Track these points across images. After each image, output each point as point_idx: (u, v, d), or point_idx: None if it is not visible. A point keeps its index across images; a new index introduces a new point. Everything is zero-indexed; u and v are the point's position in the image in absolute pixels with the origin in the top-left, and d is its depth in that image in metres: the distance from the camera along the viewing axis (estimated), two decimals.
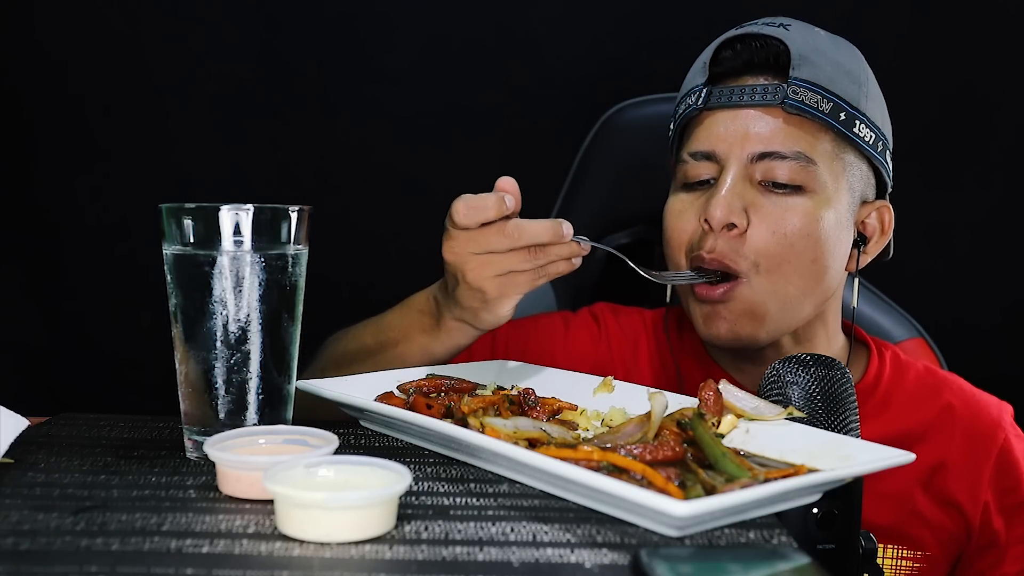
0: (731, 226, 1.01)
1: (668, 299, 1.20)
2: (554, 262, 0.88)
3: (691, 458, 0.71)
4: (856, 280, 1.11)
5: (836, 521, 0.72)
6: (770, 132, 1.02)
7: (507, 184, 0.87)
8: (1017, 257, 1.64)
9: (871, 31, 1.13)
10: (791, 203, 1.01)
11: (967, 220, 1.63)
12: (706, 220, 1.01)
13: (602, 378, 0.91)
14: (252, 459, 0.67)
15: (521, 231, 0.86)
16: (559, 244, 0.87)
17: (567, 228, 0.86)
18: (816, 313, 1.08)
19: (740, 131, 1.02)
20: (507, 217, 0.87)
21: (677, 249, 1.06)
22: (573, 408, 0.86)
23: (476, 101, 1.63)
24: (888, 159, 1.09)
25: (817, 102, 1.01)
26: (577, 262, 0.89)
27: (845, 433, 0.82)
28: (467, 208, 0.86)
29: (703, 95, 1.05)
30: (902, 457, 0.69)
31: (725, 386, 0.81)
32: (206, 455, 0.69)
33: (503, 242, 0.86)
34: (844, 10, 1.23)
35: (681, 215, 1.06)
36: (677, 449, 0.70)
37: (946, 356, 1.35)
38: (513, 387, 0.90)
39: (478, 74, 1.62)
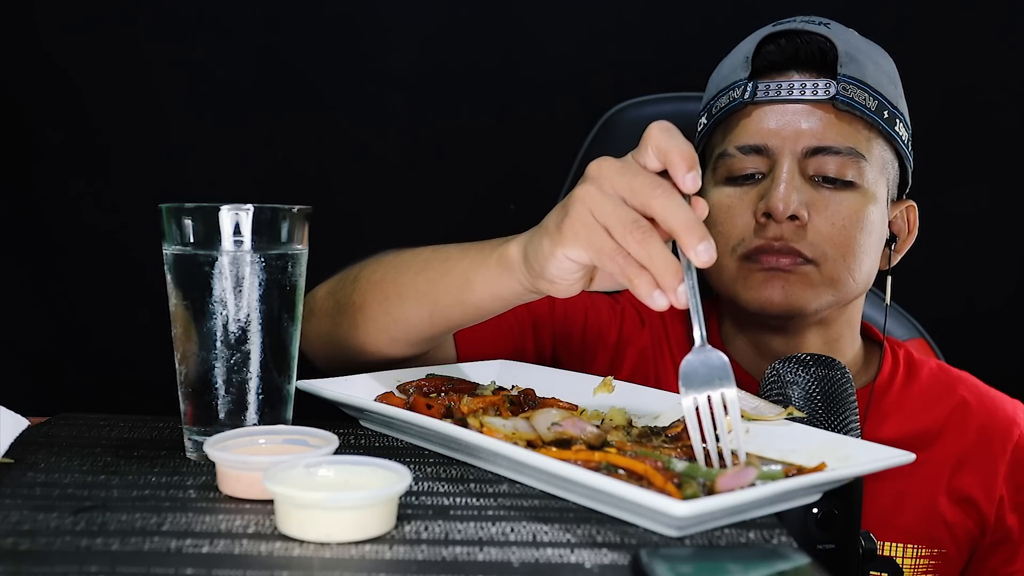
0: (793, 218, 1.01)
1: None
2: (639, 269, 0.69)
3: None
4: (888, 279, 1.12)
5: (836, 521, 0.72)
6: (822, 127, 1.02)
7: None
8: (1017, 256, 1.64)
9: (870, 28, 1.12)
10: (843, 197, 1.03)
11: (967, 220, 1.63)
12: (766, 213, 1.02)
13: (602, 378, 0.91)
14: (252, 459, 0.67)
15: (666, 192, 0.69)
16: (663, 251, 0.68)
17: (706, 250, 0.67)
18: (851, 304, 1.09)
19: (792, 126, 1.03)
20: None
21: (725, 243, 1.06)
22: (573, 408, 0.86)
23: (476, 101, 1.63)
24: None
25: (865, 99, 1.02)
26: (661, 302, 0.68)
27: (845, 433, 0.82)
28: (670, 128, 0.73)
29: (748, 89, 1.05)
30: (902, 457, 0.69)
31: None
32: (206, 455, 0.69)
33: (640, 182, 0.71)
34: (842, 8, 1.23)
35: (731, 209, 1.06)
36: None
37: (946, 356, 1.35)
38: (513, 387, 0.90)
39: (478, 74, 1.62)
